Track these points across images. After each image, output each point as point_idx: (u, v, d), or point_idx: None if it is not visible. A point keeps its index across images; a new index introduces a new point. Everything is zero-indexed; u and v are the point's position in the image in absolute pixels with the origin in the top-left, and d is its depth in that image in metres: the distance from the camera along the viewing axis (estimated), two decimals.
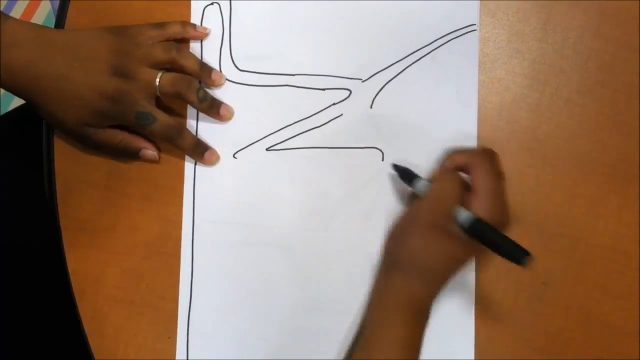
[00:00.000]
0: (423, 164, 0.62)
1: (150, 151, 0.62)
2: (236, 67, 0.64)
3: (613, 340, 0.61)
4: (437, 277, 0.55)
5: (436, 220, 0.55)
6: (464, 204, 0.55)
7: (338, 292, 0.62)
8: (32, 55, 0.57)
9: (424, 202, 0.56)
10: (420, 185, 0.58)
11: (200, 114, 0.63)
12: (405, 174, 0.60)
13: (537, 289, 0.61)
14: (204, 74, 0.62)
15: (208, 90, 0.63)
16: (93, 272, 0.63)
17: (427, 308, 0.56)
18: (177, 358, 0.62)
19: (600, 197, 0.62)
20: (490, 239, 0.53)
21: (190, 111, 0.64)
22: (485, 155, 0.57)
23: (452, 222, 0.55)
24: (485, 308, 0.61)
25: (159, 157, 0.63)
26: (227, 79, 0.64)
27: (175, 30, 0.62)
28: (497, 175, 0.56)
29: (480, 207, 0.54)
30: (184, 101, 0.62)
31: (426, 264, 0.54)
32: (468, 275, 0.62)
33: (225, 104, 0.63)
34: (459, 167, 0.58)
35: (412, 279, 0.55)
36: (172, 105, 0.63)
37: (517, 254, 0.52)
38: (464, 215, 0.54)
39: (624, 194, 0.62)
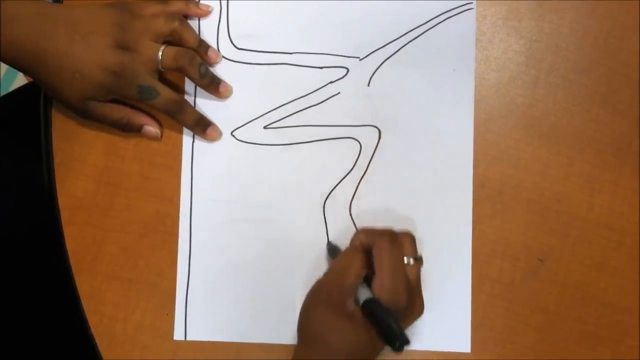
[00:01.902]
0: (419, 142, 0.62)
1: (152, 128, 0.62)
2: (234, 45, 0.64)
3: (608, 317, 0.62)
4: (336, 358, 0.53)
5: (333, 299, 0.54)
6: (371, 284, 0.54)
7: None
8: (33, 30, 0.57)
9: (325, 278, 0.56)
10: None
11: (199, 92, 0.63)
12: (331, 251, 0.61)
13: (533, 265, 0.62)
14: (201, 51, 0.62)
15: (215, 70, 0.63)
16: (91, 250, 0.63)
17: None
18: (175, 335, 0.62)
19: (595, 174, 0.62)
20: (377, 318, 0.52)
21: (188, 88, 0.63)
22: (386, 236, 0.55)
23: (350, 301, 0.54)
24: (481, 285, 0.62)
25: (161, 135, 0.63)
26: (225, 57, 0.64)
27: (177, 7, 0.62)
28: (396, 255, 0.55)
29: (378, 286, 0.53)
30: (185, 75, 0.62)
31: (331, 346, 0.53)
32: (464, 251, 0.62)
33: (225, 82, 0.63)
34: (364, 247, 0.56)
35: (314, 355, 0.54)
36: (172, 80, 0.63)
37: (393, 338, 0.50)
38: (361, 293, 0.54)
39: (619, 172, 0.62)
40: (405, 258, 0.55)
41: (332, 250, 0.62)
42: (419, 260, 0.56)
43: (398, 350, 0.49)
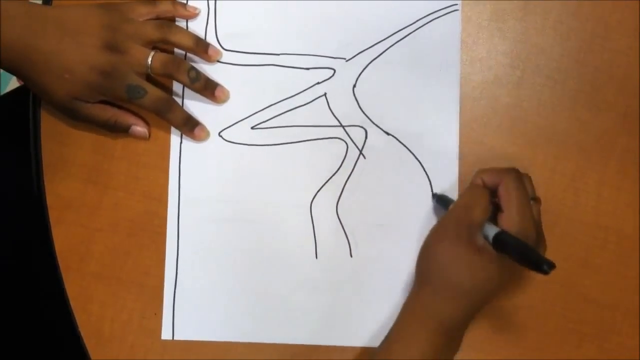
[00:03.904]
0: (405, 142, 0.63)
1: (140, 128, 0.63)
2: (222, 46, 0.64)
3: (593, 314, 0.62)
4: (465, 295, 0.54)
5: (461, 232, 0.55)
6: (495, 223, 0.55)
7: (323, 269, 0.63)
8: (22, 30, 0.57)
9: (450, 214, 0.57)
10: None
11: (187, 92, 0.64)
12: (442, 201, 0.62)
13: None
14: (200, 50, 0.63)
15: (203, 71, 0.63)
16: (79, 250, 0.63)
17: (456, 329, 0.55)
18: (163, 334, 0.63)
19: (580, 173, 0.63)
20: (513, 249, 0.53)
21: (177, 89, 0.64)
22: (512, 173, 0.57)
23: (479, 235, 0.55)
24: None
25: (149, 134, 0.64)
26: None
27: (165, 8, 0.63)
28: (523, 192, 0.56)
29: (507, 221, 0.55)
30: (177, 82, 0.63)
31: (454, 279, 0.54)
32: None
33: (221, 86, 0.63)
34: (487, 186, 0.58)
35: (440, 294, 0.55)
36: (161, 80, 0.63)
37: (540, 261, 0.50)
38: (489, 228, 0.55)
39: (603, 171, 0.63)
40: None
41: (442, 199, 0.61)
42: (537, 201, 0.59)
43: (546, 272, 0.49)
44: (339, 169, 0.64)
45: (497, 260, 0.54)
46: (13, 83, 0.57)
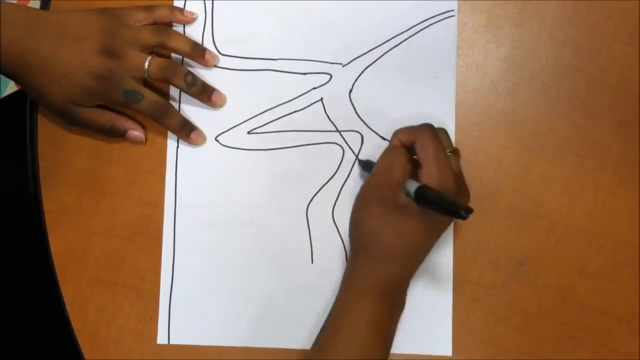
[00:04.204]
0: None
1: (136, 132, 0.63)
2: (218, 51, 0.65)
3: (588, 320, 0.62)
4: (399, 254, 0.56)
5: (384, 195, 0.56)
6: (415, 178, 0.57)
7: (319, 273, 0.63)
8: (21, 34, 0.57)
9: (372, 178, 0.58)
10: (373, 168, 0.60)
11: (184, 97, 0.64)
12: (367, 166, 0.62)
13: (514, 269, 0.62)
14: (197, 55, 0.63)
15: (200, 76, 0.63)
16: (75, 254, 0.64)
17: (398, 289, 0.57)
18: (158, 338, 0.63)
19: (575, 179, 0.63)
20: (432, 201, 0.54)
21: (174, 93, 0.64)
22: (426, 129, 0.58)
23: (401, 194, 0.56)
24: (462, 288, 0.62)
25: (146, 139, 0.64)
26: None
27: (163, 13, 0.63)
28: (439, 146, 0.57)
29: (426, 176, 0.56)
30: (174, 86, 0.63)
31: (383, 241, 0.56)
32: (445, 255, 0.62)
33: (218, 91, 0.64)
34: (405, 145, 0.59)
35: (376, 259, 0.56)
36: (157, 85, 0.64)
37: (458, 208, 0.51)
38: (411, 184, 0.56)
39: (599, 176, 0.63)
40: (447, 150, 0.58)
41: (366, 164, 0.62)
42: (456, 152, 0.60)
43: (464, 217, 0.50)
44: (335, 173, 0.64)
45: (421, 215, 0.55)
46: (12, 86, 0.57)
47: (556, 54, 0.64)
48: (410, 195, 0.55)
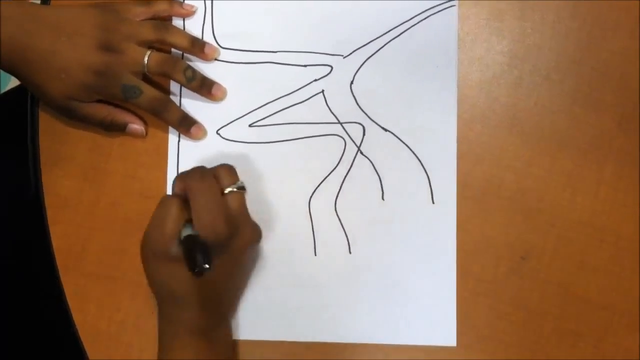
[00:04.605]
0: (403, 139, 0.63)
1: (136, 126, 0.63)
2: (219, 44, 0.64)
3: (590, 314, 0.62)
4: (185, 302, 0.56)
5: (157, 249, 0.55)
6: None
7: (321, 266, 0.63)
8: (19, 29, 0.57)
9: (147, 231, 0.57)
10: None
11: (184, 91, 0.64)
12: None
13: (516, 263, 0.62)
14: (196, 49, 0.63)
15: (201, 70, 0.63)
16: (76, 249, 0.63)
17: (208, 330, 0.57)
18: None
19: (577, 173, 0.63)
20: (186, 251, 0.53)
21: (174, 88, 0.64)
22: (195, 174, 0.57)
23: (173, 246, 0.55)
24: (464, 282, 0.62)
25: (146, 132, 0.63)
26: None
27: (161, 7, 0.63)
28: (206, 191, 0.56)
29: (196, 223, 0.55)
30: (174, 81, 0.63)
31: (166, 291, 0.56)
32: (448, 248, 0.62)
33: (218, 84, 0.63)
34: (178, 194, 0.57)
35: (170, 305, 0.57)
36: (157, 80, 0.63)
37: (193, 265, 0.51)
38: (184, 234, 0.55)
39: (601, 170, 0.63)
40: (226, 189, 0.57)
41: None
42: (240, 189, 0.58)
43: (197, 275, 0.50)
44: (337, 165, 0.64)
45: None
46: (13, 81, 0.57)
47: (558, 48, 0.63)
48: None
